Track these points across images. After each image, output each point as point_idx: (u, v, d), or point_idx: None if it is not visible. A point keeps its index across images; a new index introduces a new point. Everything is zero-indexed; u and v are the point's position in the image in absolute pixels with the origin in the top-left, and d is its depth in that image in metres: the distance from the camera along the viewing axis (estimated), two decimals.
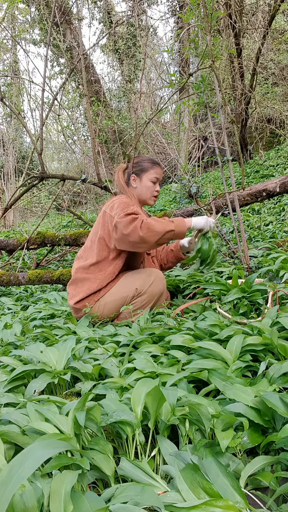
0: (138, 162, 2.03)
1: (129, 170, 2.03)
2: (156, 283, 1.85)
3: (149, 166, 2.01)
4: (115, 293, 1.86)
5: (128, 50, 10.32)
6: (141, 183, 2.01)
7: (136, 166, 2.01)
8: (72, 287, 1.93)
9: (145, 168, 2.01)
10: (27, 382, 1.14)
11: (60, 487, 0.61)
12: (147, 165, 2.01)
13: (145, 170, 2.01)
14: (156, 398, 0.82)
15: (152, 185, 2.01)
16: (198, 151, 7.61)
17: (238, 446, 0.76)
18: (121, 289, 1.85)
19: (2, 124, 13.45)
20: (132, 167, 2.01)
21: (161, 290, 1.88)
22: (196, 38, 2.30)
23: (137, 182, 2.01)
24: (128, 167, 2.07)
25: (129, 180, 2.03)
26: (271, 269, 1.97)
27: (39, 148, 3.62)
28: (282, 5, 5.69)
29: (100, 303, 1.87)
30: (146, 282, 1.83)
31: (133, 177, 2.02)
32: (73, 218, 5.43)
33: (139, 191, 2.02)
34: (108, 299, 1.86)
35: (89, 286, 1.87)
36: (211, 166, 9.95)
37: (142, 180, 2.00)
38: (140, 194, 2.02)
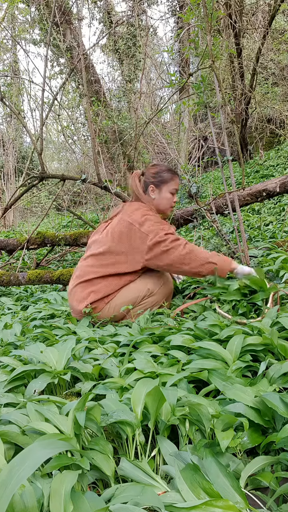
0: (157, 172, 1.97)
1: (147, 180, 1.98)
2: (166, 284, 1.88)
3: (169, 177, 1.96)
4: (126, 295, 1.83)
5: (128, 50, 10.32)
6: (160, 195, 1.96)
7: (156, 177, 1.96)
8: (81, 289, 1.85)
9: (165, 179, 1.96)
10: (27, 382, 1.14)
11: (60, 487, 0.61)
12: (167, 176, 1.96)
13: (165, 182, 1.95)
14: (156, 398, 0.82)
15: (171, 196, 1.97)
16: (198, 151, 7.62)
17: (238, 446, 0.76)
18: (133, 291, 1.83)
19: (2, 124, 13.46)
20: (151, 177, 1.96)
21: (170, 290, 1.91)
22: (196, 38, 2.30)
23: (155, 193, 1.96)
24: (145, 175, 2.01)
25: (146, 189, 1.98)
26: (271, 269, 1.97)
27: (39, 148, 3.62)
28: (282, 5, 5.69)
29: (110, 305, 1.83)
30: (157, 283, 1.85)
31: (152, 187, 1.96)
32: (73, 218, 5.43)
33: (158, 202, 1.97)
34: (118, 301, 1.83)
35: (104, 291, 1.82)
36: (211, 166, 9.95)
37: (162, 191, 1.96)
38: (159, 204, 1.97)
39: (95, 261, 1.86)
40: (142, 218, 1.81)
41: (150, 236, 1.75)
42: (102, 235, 1.92)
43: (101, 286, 1.82)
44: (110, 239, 1.85)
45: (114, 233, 1.85)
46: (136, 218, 1.83)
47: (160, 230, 1.76)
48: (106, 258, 1.84)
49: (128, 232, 1.81)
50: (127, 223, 1.82)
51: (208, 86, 2.23)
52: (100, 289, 1.82)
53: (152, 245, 1.74)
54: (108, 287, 1.82)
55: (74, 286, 1.89)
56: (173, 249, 1.71)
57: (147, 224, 1.79)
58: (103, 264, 1.84)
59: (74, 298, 1.87)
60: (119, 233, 1.83)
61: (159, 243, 1.73)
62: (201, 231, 3.47)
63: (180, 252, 1.70)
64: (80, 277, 1.87)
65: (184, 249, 1.70)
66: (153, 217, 1.84)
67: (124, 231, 1.82)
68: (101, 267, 1.84)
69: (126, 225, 1.82)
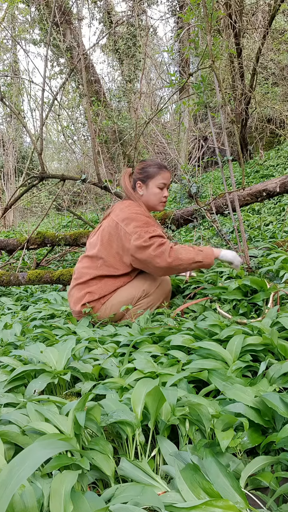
0: (143, 167, 1.93)
1: (135, 176, 1.95)
2: (162, 285, 1.86)
3: (155, 171, 1.91)
4: (122, 295, 1.84)
5: (128, 50, 10.32)
6: (148, 190, 1.92)
7: (142, 173, 1.92)
8: (77, 291, 1.87)
9: (151, 174, 1.91)
10: (27, 382, 1.14)
11: (60, 487, 0.61)
12: (153, 170, 1.91)
13: (151, 177, 1.91)
14: (156, 398, 0.82)
15: (159, 191, 1.92)
16: (198, 151, 7.62)
17: (238, 446, 0.76)
18: (128, 291, 1.84)
19: (2, 124, 13.45)
20: (138, 173, 1.93)
21: (166, 292, 1.89)
22: (196, 38, 2.30)
23: (143, 189, 1.92)
24: (134, 172, 1.99)
25: (135, 186, 1.95)
26: (271, 269, 1.97)
27: (39, 148, 3.62)
28: (282, 5, 5.69)
29: (106, 305, 1.84)
30: (153, 284, 1.84)
31: (139, 184, 1.92)
32: (73, 218, 5.43)
33: (147, 198, 1.93)
34: (114, 301, 1.84)
35: (99, 292, 1.84)
36: (211, 166, 9.95)
37: (149, 187, 1.92)
38: (148, 201, 1.93)
39: (90, 263, 1.87)
40: (129, 217, 1.79)
41: (133, 236, 1.72)
42: (95, 236, 1.94)
43: (97, 287, 1.83)
44: (100, 242, 1.85)
45: (104, 235, 1.85)
46: (122, 216, 1.81)
47: (144, 232, 1.73)
48: (98, 260, 1.85)
49: (116, 233, 1.81)
50: (115, 223, 1.82)
51: (208, 86, 2.23)
52: (95, 290, 1.83)
53: (137, 248, 1.72)
54: (103, 288, 1.83)
55: (71, 288, 1.92)
56: (157, 258, 1.69)
57: (132, 225, 1.76)
58: (97, 265, 1.85)
59: (72, 300, 1.90)
60: (108, 234, 1.83)
61: (144, 249, 1.70)
62: (201, 231, 3.46)
63: (166, 260, 1.69)
64: (76, 279, 1.89)
65: (170, 257, 1.69)
66: (140, 216, 1.80)
67: (112, 233, 1.82)
68: (95, 268, 1.85)
69: (114, 225, 1.82)
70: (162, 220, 3.47)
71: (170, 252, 1.70)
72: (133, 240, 1.72)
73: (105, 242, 1.83)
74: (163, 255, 1.68)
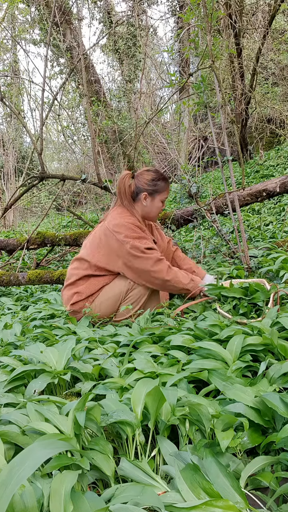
0: (153, 180, 1.92)
1: (140, 185, 1.93)
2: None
3: (164, 187, 1.94)
4: (109, 291, 1.87)
5: (128, 50, 10.32)
6: (153, 203, 1.94)
7: (151, 185, 1.92)
8: (67, 291, 1.94)
9: (160, 189, 1.93)
10: (27, 382, 1.14)
11: (60, 487, 0.61)
12: (162, 185, 1.94)
13: (159, 191, 1.93)
14: (156, 398, 0.82)
15: (161, 205, 1.97)
16: (198, 151, 7.61)
17: (238, 446, 0.76)
18: (115, 286, 1.87)
19: (2, 124, 13.45)
20: (145, 184, 1.92)
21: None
22: (196, 38, 2.30)
23: (147, 201, 1.93)
24: (137, 178, 1.95)
25: (137, 195, 1.94)
26: (271, 269, 1.97)
27: (39, 148, 3.62)
28: (282, 5, 5.69)
29: (95, 303, 1.88)
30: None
31: (145, 195, 1.92)
32: (73, 218, 5.43)
33: (149, 210, 1.95)
34: (102, 298, 1.87)
35: (86, 292, 1.88)
36: (211, 166, 9.95)
37: (155, 200, 1.94)
38: (149, 212, 1.96)
39: (78, 264, 1.94)
40: (122, 225, 1.83)
41: (127, 246, 1.78)
42: (86, 240, 2.00)
43: (83, 287, 1.89)
44: (90, 245, 1.92)
45: (94, 240, 1.91)
46: (115, 223, 1.85)
47: (138, 242, 1.79)
48: (85, 262, 1.91)
49: (105, 240, 1.87)
50: (107, 230, 1.86)
51: (208, 86, 2.23)
52: (82, 290, 1.89)
53: (132, 257, 1.78)
54: (89, 287, 1.88)
55: (63, 289, 2.00)
56: (156, 273, 1.78)
57: (125, 234, 1.81)
58: (83, 267, 1.91)
59: (64, 300, 1.97)
60: (98, 239, 1.89)
61: (140, 259, 1.78)
62: (201, 231, 3.46)
63: (164, 277, 1.79)
64: (66, 280, 1.97)
65: (168, 276, 1.79)
66: (133, 226, 1.84)
67: (103, 238, 1.87)
68: (83, 269, 1.91)
69: (106, 231, 1.87)
70: (162, 220, 3.47)
71: (168, 270, 1.79)
72: (129, 249, 1.78)
73: (94, 246, 1.89)
74: (161, 272, 1.78)
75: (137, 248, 1.77)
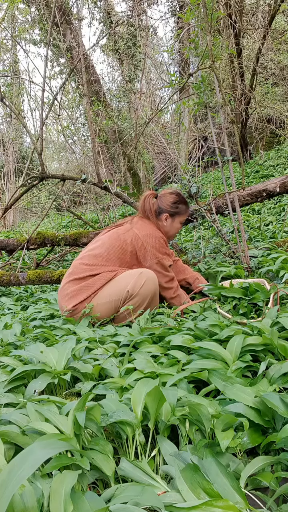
0: (176, 203, 2.06)
1: (163, 206, 2.06)
2: (147, 284, 1.83)
3: (185, 210, 2.08)
4: (107, 295, 1.84)
5: (128, 50, 10.31)
6: (172, 224, 2.08)
7: (173, 208, 2.06)
8: (74, 292, 1.89)
9: (181, 212, 2.07)
10: (27, 382, 1.14)
11: (60, 487, 0.61)
12: (184, 209, 2.08)
13: (180, 214, 2.08)
14: (156, 398, 0.82)
15: (180, 226, 2.11)
16: (198, 151, 7.61)
17: (238, 446, 0.76)
18: (113, 291, 1.84)
19: (2, 124, 13.45)
20: (168, 205, 2.05)
21: (153, 291, 1.85)
22: (196, 38, 2.30)
23: (168, 222, 2.07)
24: (160, 199, 2.08)
25: (159, 215, 2.06)
26: (271, 269, 1.97)
27: (39, 148, 3.62)
28: (282, 5, 5.69)
29: (90, 304, 1.86)
30: (137, 284, 1.81)
31: (166, 216, 2.06)
32: (73, 218, 5.43)
33: (168, 230, 2.09)
34: (100, 301, 1.85)
35: (91, 291, 1.87)
36: (211, 166, 9.95)
37: (174, 221, 2.08)
38: (168, 232, 2.09)
39: (95, 261, 1.93)
40: (152, 235, 1.97)
41: (153, 260, 1.94)
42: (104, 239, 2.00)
43: (93, 287, 1.89)
44: (109, 245, 1.95)
45: (116, 241, 1.95)
46: (146, 233, 1.97)
47: (163, 260, 1.96)
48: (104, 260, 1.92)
49: (132, 241, 1.94)
50: (139, 238, 1.95)
51: (208, 86, 2.23)
52: (92, 290, 1.88)
53: (154, 271, 1.93)
54: (93, 287, 1.88)
55: (65, 283, 1.97)
56: (166, 290, 1.99)
57: (154, 246, 1.95)
58: (101, 263, 1.92)
59: (65, 298, 1.94)
60: (120, 239, 1.95)
61: (160, 275, 1.95)
62: (201, 231, 3.46)
63: (171, 295, 2.00)
64: (72, 274, 1.96)
65: (174, 294, 2.00)
66: (162, 241, 1.99)
67: (128, 241, 1.95)
68: (100, 265, 1.91)
69: (133, 236, 1.96)
70: None
71: (175, 291, 2.00)
72: (155, 264, 1.95)
73: (117, 247, 1.95)
74: (171, 290, 2.00)
75: (162, 265, 1.95)
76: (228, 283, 1.78)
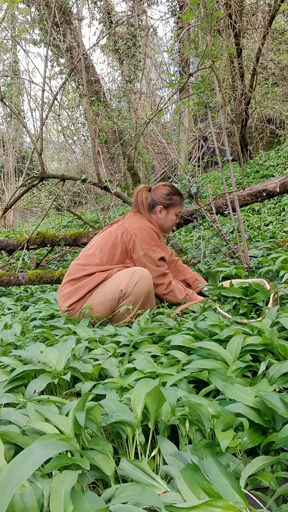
0: (169, 194, 2.04)
1: (156, 199, 2.04)
2: (141, 283, 1.82)
3: (179, 201, 2.05)
4: (102, 295, 1.84)
5: (128, 50, 10.31)
6: (167, 216, 2.05)
7: (167, 199, 2.03)
8: (70, 292, 1.90)
9: (175, 203, 2.04)
10: (27, 382, 1.14)
11: (60, 487, 0.61)
12: (178, 200, 2.05)
13: (175, 205, 2.05)
14: (156, 398, 0.82)
15: (175, 218, 2.07)
16: (198, 151, 7.61)
17: (238, 446, 0.76)
18: (107, 291, 1.84)
19: (2, 124, 13.45)
20: (161, 197, 2.03)
21: (147, 289, 1.84)
22: (196, 38, 2.30)
23: (162, 214, 2.04)
24: (153, 192, 2.06)
25: (153, 207, 2.05)
26: (271, 269, 1.97)
27: (39, 148, 3.62)
28: (282, 5, 5.69)
29: (87, 304, 1.87)
30: (130, 283, 1.80)
31: (161, 208, 2.03)
32: (73, 218, 5.43)
33: (163, 222, 2.06)
34: (95, 300, 1.85)
35: (85, 290, 1.88)
36: (211, 166, 9.95)
37: (169, 213, 2.05)
38: (163, 224, 2.06)
39: (88, 261, 1.94)
40: (140, 231, 1.92)
41: (141, 252, 1.89)
42: (98, 239, 2.00)
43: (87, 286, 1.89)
44: (103, 242, 1.94)
45: (109, 239, 1.93)
46: (135, 226, 1.92)
47: (152, 252, 1.90)
48: (98, 258, 1.92)
49: (121, 237, 1.91)
50: (128, 232, 1.92)
51: (208, 86, 2.23)
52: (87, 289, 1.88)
53: (142, 264, 1.89)
54: (88, 286, 1.88)
55: (63, 284, 1.98)
56: (157, 286, 1.93)
57: (143, 240, 1.90)
58: (94, 263, 1.92)
59: (63, 298, 1.95)
60: (113, 237, 1.93)
61: (150, 268, 1.89)
62: (201, 231, 3.46)
63: (162, 291, 1.94)
64: (70, 275, 1.97)
65: (166, 290, 1.94)
66: (152, 232, 1.94)
67: (119, 237, 1.91)
68: (93, 265, 1.92)
69: (122, 231, 1.92)
70: None
71: (168, 286, 1.93)
72: (142, 256, 1.89)
73: (109, 245, 1.92)
74: (162, 286, 1.93)
75: (150, 257, 1.89)
76: (228, 283, 1.78)
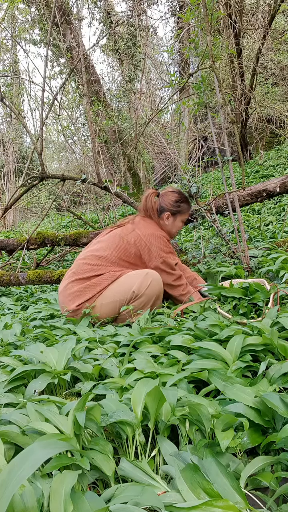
0: (177, 201, 2.06)
1: (164, 205, 2.06)
2: (153, 285, 1.83)
3: (186, 209, 2.08)
4: (112, 295, 1.83)
5: (128, 50, 10.31)
6: (174, 223, 2.08)
7: (175, 206, 2.06)
8: (79, 291, 1.88)
9: (183, 210, 2.07)
10: (27, 382, 1.14)
11: (60, 487, 0.61)
12: (185, 207, 2.08)
13: (182, 213, 2.08)
14: (156, 398, 0.82)
15: (182, 225, 2.11)
16: (198, 151, 7.61)
17: (238, 446, 0.76)
18: (118, 291, 1.83)
19: (2, 124, 13.45)
20: (169, 204, 2.05)
21: (158, 291, 1.86)
22: (196, 38, 2.30)
23: (170, 221, 2.07)
24: (162, 198, 2.08)
25: (161, 213, 2.07)
26: (271, 269, 1.97)
27: (39, 148, 3.62)
28: (282, 5, 5.69)
29: (96, 304, 1.85)
30: (143, 284, 1.81)
31: (168, 214, 2.06)
32: (73, 218, 5.43)
33: (170, 229, 2.09)
34: (104, 301, 1.84)
35: (97, 290, 1.87)
36: (211, 166, 9.95)
37: (176, 220, 2.08)
38: (170, 230, 2.10)
39: (98, 261, 1.92)
40: (155, 235, 1.96)
41: (158, 260, 1.92)
42: (106, 240, 1.99)
43: (98, 287, 1.87)
44: (114, 246, 1.94)
45: (121, 242, 1.94)
46: (148, 232, 1.96)
47: (168, 259, 1.94)
48: (109, 260, 1.91)
49: (135, 241, 1.93)
50: (141, 239, 1.94)
51: (208, 86, 2.23)
52: (95, 290, 1.87)
53: (159, 270, 1.92)
54: (98, 286, 1.86)
55: (68, 282, 1.94)
56: (173, 288, 1.96)
57: (158, 246, 1.94)
58: (105, 264, 1.91)
59: (68, 298, 1.91)
60: (127, 243, 1.94)
61: (166, 274, 1.93)
62: (201, 231, 3.47)
63: (180, 292, 1.97)
64: (76, 274, 1.94)
65: (183, 291, 1.97)
66: (165, 240, 1.99)
67: (131, 241, 1.93)
68: (104, 266, 1.90)
69: (135, 237, 1.95)
70: None
71: (183, 290, 1.97)
72: (160, 263, 1.93)
73: (122, 248, 1.93)
74: (180, 287, 1.97)
75: (168, 264, 1.94)
76: (228, 283, 1.78)
